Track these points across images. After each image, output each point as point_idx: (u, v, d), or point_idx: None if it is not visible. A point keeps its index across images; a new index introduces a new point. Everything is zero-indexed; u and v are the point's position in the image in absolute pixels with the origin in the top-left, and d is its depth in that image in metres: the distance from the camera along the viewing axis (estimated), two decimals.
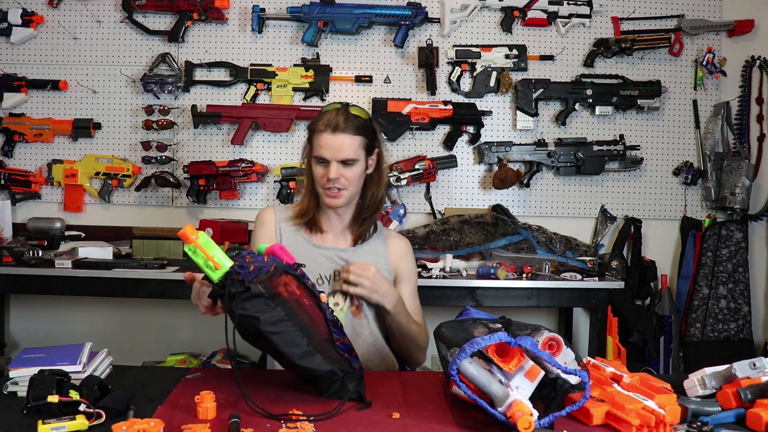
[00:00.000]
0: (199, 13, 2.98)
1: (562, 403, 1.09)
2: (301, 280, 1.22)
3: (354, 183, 1.62)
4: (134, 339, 3.02)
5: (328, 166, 1.58)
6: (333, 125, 1.57)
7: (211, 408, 1.12)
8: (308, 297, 1.22)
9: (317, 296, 1.24)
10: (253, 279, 1.16)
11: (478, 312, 1.38)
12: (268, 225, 1.69)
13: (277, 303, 1.17)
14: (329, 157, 1.58)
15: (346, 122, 1.58)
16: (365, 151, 1.62)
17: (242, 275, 1.16)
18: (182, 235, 1.18)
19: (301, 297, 1.21)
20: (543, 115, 3.09)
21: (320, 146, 1.58)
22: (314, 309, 1.23)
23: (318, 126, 1.59)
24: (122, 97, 3.07)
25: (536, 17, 3.04)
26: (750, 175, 3.01)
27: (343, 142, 1.57)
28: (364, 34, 3.06)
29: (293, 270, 1.22)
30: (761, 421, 1.08)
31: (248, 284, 1.15)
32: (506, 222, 2.93)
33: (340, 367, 1.24)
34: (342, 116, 1.58)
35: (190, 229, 1.18)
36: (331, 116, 1.59)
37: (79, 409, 1.10)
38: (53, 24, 3.05)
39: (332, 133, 1.57)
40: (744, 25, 3.07)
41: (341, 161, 1.58)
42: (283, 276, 1.19)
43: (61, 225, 2.92)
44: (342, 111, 1.60)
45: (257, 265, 1.18)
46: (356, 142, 1.59)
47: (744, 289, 3.03)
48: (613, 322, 2.70)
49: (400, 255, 1.72)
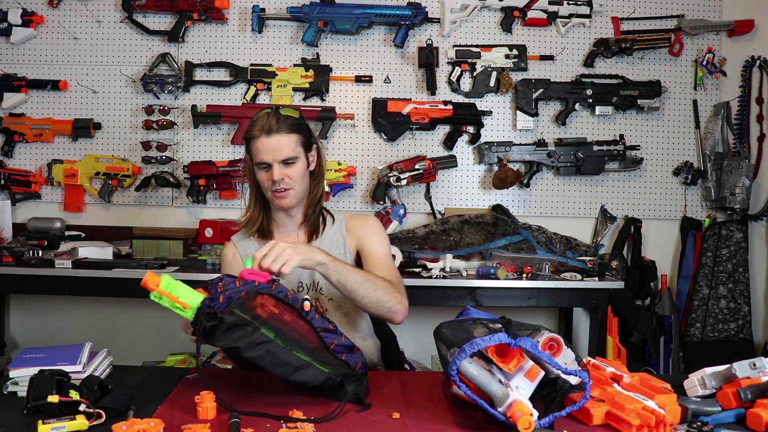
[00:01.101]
0: (199, 13, 2.98)
1: (562, 403, 1.09)
2: (278, 297, 1.22)
3: (299, 180, 1.62)
4: (134, 339, 3.01)
5: (270, 169, 1.59)
6: (267, 128, 1.58)
7: (211, 408, 1.12)
8: (288, 312, 1.22)
9: (299, 308, 1.23)
10: (226, 309, 1.16)
11: (478, 312, 1.38)
12: (232, 261, 1.70)
13: (256, 326, 1.17)
14: (270, 160, 1.58)
15: (279, 123, 1.59)
16: (303, 148, 1.63)
17: (214, 308, 1.16)
18: (144, 285, 1.17)
19: (280, 314, 1.21)
20: (543, 115, 3.09)
21: (259, 151, 1.59)
22: (298, 322, 1.22)
23: (253, 133, 1.60)
24: (122, 97, 3.07)
25: (536, 17, 3.04)
26: (750, 175, 3.01)
27: (280, 143, 1.58)
28: (364, 34, 3.06)
29: (266, 289, 1.21)
30: (761, 421, 1.08)
31: (221, 316, 1.15)
32: (506, 222, 2.93)
33: (338, 371, 1.23)
34: (273, 118, 1.59)
35: (151, 276, 1.17)
36: (263, 121, 1.60)
37: (79, 409, 1.10)
38: (53, 24, 3.05)
39: (267, 135, 1.58)
40: (744, 25, 3.07)
41: (282, 161, 1.59)
42: (257, 297, 1.20)
43: (61, 225, 2.92)
44: (273, 114, 1.61)
45: (227, 294, 1.18)
46: (293, 140, 1.60)
47: (744, 289, 3.03)
48: (613, 322, 2.70)
49: (362, 232, 1.71)
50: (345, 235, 1.70)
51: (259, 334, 1.16)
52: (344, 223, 1.73)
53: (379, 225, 1.76)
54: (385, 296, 1.50)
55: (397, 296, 1.53)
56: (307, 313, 1.23)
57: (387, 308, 1.52)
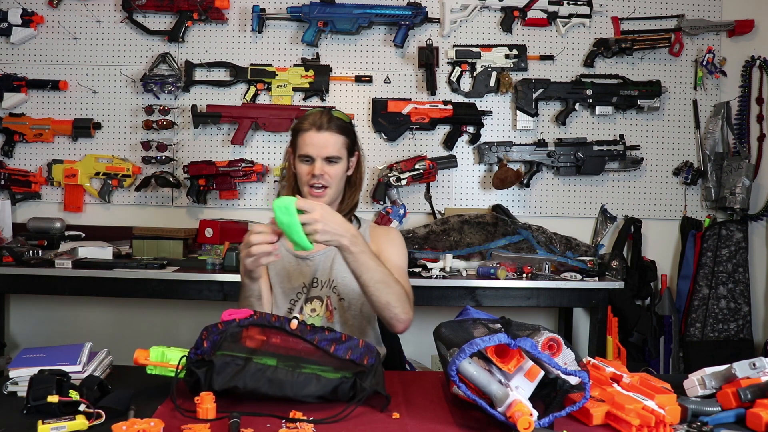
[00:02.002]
0: (199, 13, 2.98)
1: (562, 403, 1.09)
2: (262, 324, 1.24)
3: (336, 181, 1.67)
4: (134, 339, 3.01)
5: (313, 163, 1.64)
6: (318, 124, 1.64)
7: (211, 408, 1.12)
8: (276, 335, 1.23)
9: (286, 328, 1.23)
10: (212, 352, 1.19)
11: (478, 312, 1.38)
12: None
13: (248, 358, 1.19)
14: (314, 154, 1.63)
15: (330, 122, 1.65)
16: (347, 151, 1.68)
17: (200, 354, 1.21)
18: (136, 362, 1.24)
19: (269, 339, 1.23)
20: (543, 115, 3.09)
21: (305, 144, 1.64)
22: (288, 341, 1.23)
23: (303, 126, 1.66)
24: (122, 97, 3.07)
25: (536, 17, 3.04)
26: (750, 175, 3.01)
27: (327, 140, 1.64)
28: (364, 34, 3.06)
29: (248, 321, 1.23)
30: (761, 421, 1.08)
31: (209, 359, 1.18)
32: (506, 222, 2.93)
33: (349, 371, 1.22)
34: (325, 117, 1.66)
35: (139, 352, 1.24)
36: (315, 117, 1.66)
37: (79, 409, 1.10)
38: (53, 24, 3.05)
39: (317, 131, 1.63)
40: (744, 25, 3.07)
41: (326, 158, 1.64)
42: (243, 332, 1.22)
43: (61, 225, 2.92)
44: (325, 113, 1.67)
45: (211, 338, 1.22)
46: (339, 141, 1.66)
47: (744, 289, 3.03)
48: (613, 322, 2.70)
49: (383, 240, 1.73)
50: (368, 241, 1.71)
51: (252, 364, 1.18)
52: (368, 231, 1.76)
53: (401, 239, 1.78)
54: (395, 302, 1.52)
55: (405, 307, 1.55)
56: (294, 330, 1.24)
57: (393, 314, 1.53)
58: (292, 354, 1.21)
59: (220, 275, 2.52)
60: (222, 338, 1.21)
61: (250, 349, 1.20)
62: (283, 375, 1.18)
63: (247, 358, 1.18)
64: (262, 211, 3.05)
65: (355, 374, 1.22)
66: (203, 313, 3.01)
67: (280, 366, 1.19)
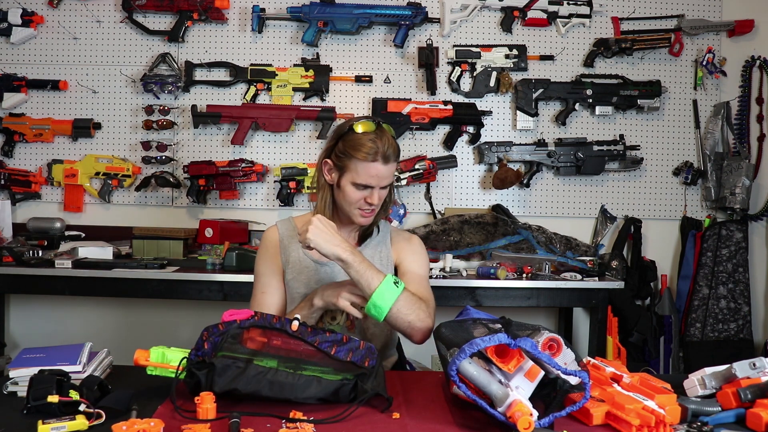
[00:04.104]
0: (199, 13, 2.98)
1: (562, 403, 1.09)
2: (263, 325, 1.24)
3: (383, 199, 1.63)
4: (134, 339, 3.01)
5: (371, 191, 1.57)
6: (384, 156, 1.53)
7: (211, 408, 1.12)
8: (277, 336, 1.23)
9: (287, 329, 1.24)
10: (213, 353, 1.20)
11: (478, 312, 1.38)
12: (271, 248, 1.69)
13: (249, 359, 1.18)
14: (375, 184, 1.56)
15: (395, 153, 1.56)
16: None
17: (201, 355, 1.22)
18: (136, 363, 1.25)
19: (270, 341, 1.22)
20: (543, 115, 3.09)
21: (370, 176, 1.54)
22: (289, 342, 1.23)
23: (367, 155, 1.53)
24: (122, 97, 3.07)
25: (536, 17, 3.04)
26: (750, 175, 3.01)
27: (390, 171, 1.57)
28: (364, 34, 3.06)
29: (248, 322, 1.23)
30: (761, 421, 1.08)
31: (210, 360, 1.18)
32: (506, 222, 2.93)
33: (350, 373, 1.22)
34: (391, 148, 1.55)
35: (139, 353, 1.26)
36: (383, 146, 1.53)
37: (79, 409, 1.10)
38: (53, 24, 3.05)
39: (385, 163, 1.54)
40: (744, 25, 3.07)
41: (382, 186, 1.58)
42: (244, 333, 1.22)
43: (61, 225, 2.92)
44: (389, 140, 1.56)
45: (212, 340, 1.22)
46: (395, 167, 1.60)
47: (744, 289, 3.03)
48: (613, 322, 2.70)
49: (405, 248, 1.71)
50: (389, 246, 1.70)
51: (253, 366, 1.18)
52: (389, 235, 1.72)
53: (423, 247, 1.74)
54: (404, 309, 1.45)
55: (419, 314, 1.47)
56: (295, 332, 1.24)
57: (406, 322, 1.47)
58: (293, 356, 1.22)
59: (220, 275, 2.52)
60: (223, 339, 1.21)
61: (251, 351, 1.20)
62: (284, 377, 1.18)
63: (248, 360, 1.18)
64: (262, 211, 3.05)
65: (356, 376, 1.22)
66: (203, 313, 3.01)
67: (280, 368, 1.19)
